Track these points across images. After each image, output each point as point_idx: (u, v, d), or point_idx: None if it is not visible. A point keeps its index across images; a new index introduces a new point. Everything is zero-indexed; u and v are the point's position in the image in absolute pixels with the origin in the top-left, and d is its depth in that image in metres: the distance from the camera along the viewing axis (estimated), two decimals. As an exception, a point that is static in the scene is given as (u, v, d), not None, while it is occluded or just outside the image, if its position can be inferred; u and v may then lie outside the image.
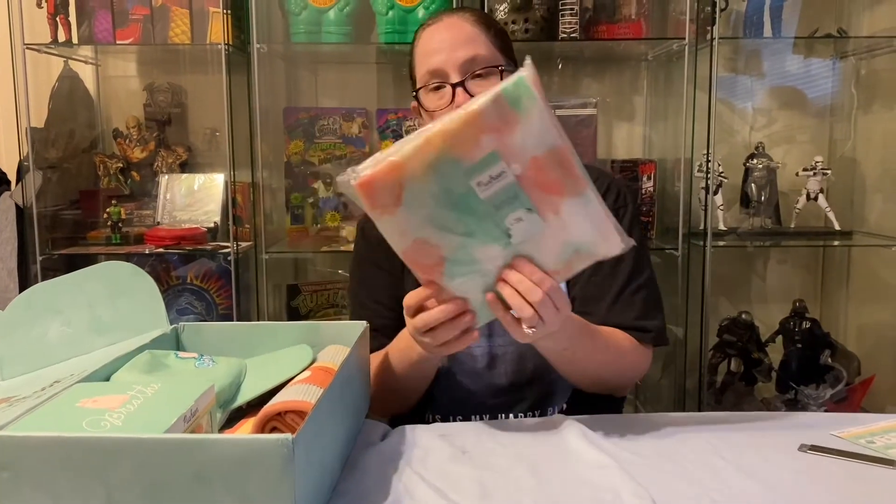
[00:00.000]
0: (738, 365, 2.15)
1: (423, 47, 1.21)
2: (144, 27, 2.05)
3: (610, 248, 0.89)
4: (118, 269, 1.12)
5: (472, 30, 1.19)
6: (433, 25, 1.21)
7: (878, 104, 2.20)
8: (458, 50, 1.16)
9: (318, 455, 0.78)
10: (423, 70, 1.19)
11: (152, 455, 0.67)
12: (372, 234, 1.28)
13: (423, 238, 0.88)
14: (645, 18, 2.06)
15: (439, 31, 1.20)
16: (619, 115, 2.34)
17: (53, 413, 0.76)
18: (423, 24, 1.25)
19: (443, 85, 1.18)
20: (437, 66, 1.17)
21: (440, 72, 1.17)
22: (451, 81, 1.16)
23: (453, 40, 1.18)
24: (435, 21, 1.22)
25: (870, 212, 2.22)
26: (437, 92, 1.19)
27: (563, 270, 0.91)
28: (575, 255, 0.90)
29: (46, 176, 2.12)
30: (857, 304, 2.29)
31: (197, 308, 2.18)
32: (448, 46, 1.17)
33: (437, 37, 1.19)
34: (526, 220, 0.87)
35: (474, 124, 0.82)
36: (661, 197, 2.19)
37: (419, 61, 1.21)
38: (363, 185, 0.84)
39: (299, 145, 2.21)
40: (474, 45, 1.17)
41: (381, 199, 0.85)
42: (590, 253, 0.90)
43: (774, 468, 0.91)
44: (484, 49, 1.18)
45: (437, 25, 1.21)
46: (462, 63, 1.16)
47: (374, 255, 1.29)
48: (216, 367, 1.00)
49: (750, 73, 2.32)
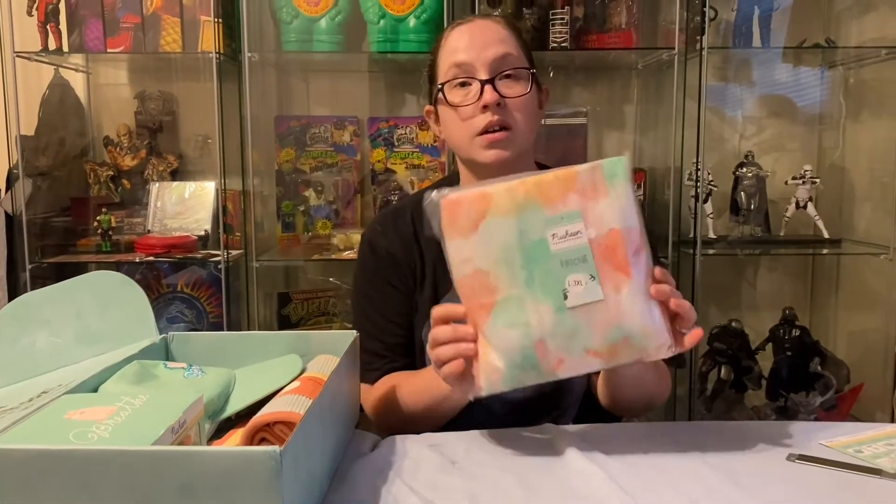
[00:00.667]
0: (729, 373, 2.16)
1: (451, 44, 1.19)
2: (135, 35, 2.05)
3: (659, 350, 0.88)
4: (107, 279, 1.12)
5: (504, 31, 1.18)
6: (463, 25, 1.20)
7: (867, 113, 2.22)
8: (489, 48, 1.16)
9: (306, 467, 0.78)
10: (449, 63, 1.17)
11: (140, 468, 0.67)
12: (382, 249, 1.26)
13: (486, 270, 0.89)
14: (635, 28, 2.07)
15: (470, 29, 1.19)
16: (610, 124, 2.35)
17: (40, 425, 0.76)
18: (450, 25, 1.23)
19: (468, 82, 1.16)
20: (466, 60, 1.16)
21: (468, 66, 1.16)
22: (479, 77, 1.15)
23: (484, 38, 1.17)
24: (465, 21, 1.20)
25: (858, 220, 2.23)
26: (463, 88, 1.17)
27: (606, 355, 0.88)
28: (623, 343, 0.88)
29: (36, 184, 2.12)
30: (847, 312, 2.30)
31: (187, 316, 2.18)
32: (479, 44, 1.16)
33: (467, 34, 1.18)
34: (586, 286, 0.87)
35: (567, 181, 0.89)
36: (651, 205, 2.20)
37: (444, 57, 1.19)
38: (449, 203, 0.90)
39: (290, 153, 2.21)
40: (505, 45, 1.17)
41: (460, 222, 0.90)
42: (639, 347, 0.88)
43: (762, 477, 0.91)
44: (513, 49, 1.18)
45: (468, 25, 1.19)
46: (492, 60, 1.15)
47: (385, 271, 1.25)
48: (205, 377, 1.00)
49: (739, 82, 2.34)
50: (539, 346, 0.88)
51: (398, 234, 1.26)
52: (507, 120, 1.16)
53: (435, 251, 1.24)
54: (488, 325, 0.90)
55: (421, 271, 1.25)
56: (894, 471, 0.91)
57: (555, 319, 0.88)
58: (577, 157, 2.07)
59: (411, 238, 1.26)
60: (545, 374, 0.89)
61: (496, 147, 1.17)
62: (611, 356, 0.88)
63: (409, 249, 1.25)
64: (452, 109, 1.18)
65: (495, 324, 0.89)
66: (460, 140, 1.20)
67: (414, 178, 2.21)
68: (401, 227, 1.27)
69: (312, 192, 2.21)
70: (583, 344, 0.88)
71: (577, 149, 2.08)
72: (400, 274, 1.25)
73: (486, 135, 1.16)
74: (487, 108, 1.15)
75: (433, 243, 1.25)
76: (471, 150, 1.19)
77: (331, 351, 1.06)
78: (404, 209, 1.30)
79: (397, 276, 1.25)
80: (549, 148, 2.05)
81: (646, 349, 0.88)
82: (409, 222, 1.27)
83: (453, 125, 1.20)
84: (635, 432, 1.06)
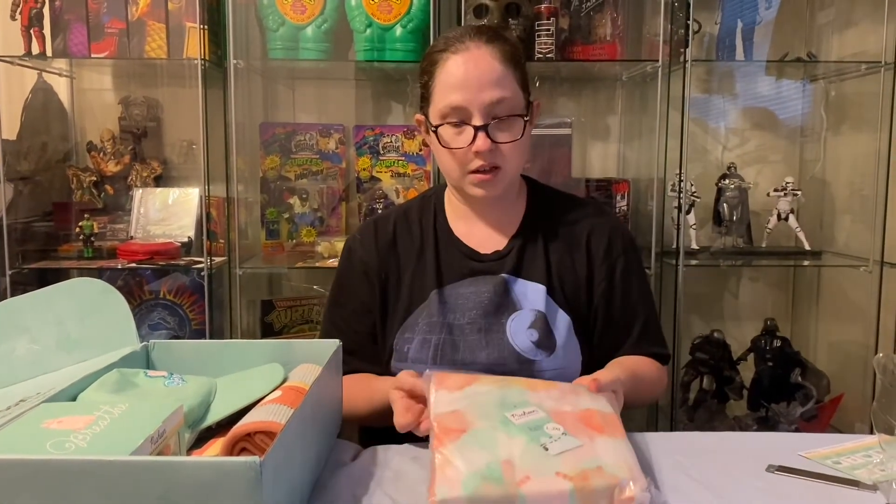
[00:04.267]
0: (711, 383, 2.17)
1: (448, 78, 1.18)
2: (120, 41, 2.04)
3: (633, 483, 0.83)
4: (88, 286, 1.11)
5: (500, 68, 1.17)
6: (460, 55, 1.17)
7: (847, 126, 2.24)
8: (485, 91, 1.16)
9: (287, 477, 0.77)
10: (445, 103, 1.17)
11: (118, 478, 0.66)
12: (357, 258, 1.31)
13: (463, 411, 0.92)
14: (620, 40, 2.08)
15: (466, 64, 1.16)
16: (594, 135, 2.36)
17: (17, 434, 0.75)
18: (445, 46, 1.20)
19: (463, 122, 1.17)
20: (462, 104, 1.16)
21: (463, 111, 1.17)
22: (473, 123, 1.16)
23: (481, 79, 1.16)
24: (461, 49, 1.18)
25: (839, 232, 2.26)
26: (457, 128, 1.18)
27: (577, 479, 0.83)
28: (596, 471, 0.84)
29: (18, 188, 2.10)
30: (827, 323, 2.32)
31: (170, 323, 2.16)
32: (475, 85, 1.16)
33: (464, 70, 1.16)
34: (562, 437, 0.89)
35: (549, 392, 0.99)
36: (634, 216, 2.21)
37: (441, 90, 1.19)
38: (438, 376, 1.01)
39: (275, 160, 2.20)
40: (501, 87, 1.17)
41: (448, 382, 0.99)
42: (610, 475, 0.84)
43: (742, 488, 0.91)
44: (510, 91, 1.18)
45: (465, 56, 1.17)
46: (487, 105, 1.16)
47: (355, 281, 1.30)
48: (186, 385, 0.99)
49: (723, 94, 2.36)
50: (506, 463, 0.84)
51: (377, 243, 1.30)
52: (498, 161, 1.20)
53: (413, 260, 1.27)
54: (457, 444, 0.86)
55: (396, 279, 1.29)
56: (871, 482, 0.92)
57: (527, 448, 0.86)
58: (562, 167, 2.08)
59: (390, 246, 1.30)
60: (506, 487, 0.81)
61: (484, 187, 1.21)
62: (581, 480, 0.83)
63: (384, 259, 1.29)
64: (447, 150, 1.20)
65: (464, 442, 0.87)
66: (451, 173, 1.24)
67: (399, 186, 2.21)
68: (381, 236, 1.31)
69: (297, 199, 2.20)
70: (553, 468, 0.84)
71: (561, 159, 2.09)
72: (369, 285, 1.30)
73: (476, 174, 1.20)
74: (479, 154, 1.18)
75: (412, 252, 1.28)
76: (461, 183, 1.23)
77: (313, 360, 1.06)
78: (388, 218, 1.34)
79: (366, 287, 1.29)
80: (533, 157, 2.06)
81: (616, 476, 0.84)
82: (390, 231, 1.31)
83: (445, 159, 1.23)
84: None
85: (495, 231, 1.29)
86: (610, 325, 1.28)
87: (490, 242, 1.28)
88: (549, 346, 1.21)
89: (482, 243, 1.28)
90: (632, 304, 1.29)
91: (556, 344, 1.21)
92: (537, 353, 1.20)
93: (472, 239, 1.29)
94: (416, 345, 1.22)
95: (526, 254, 1.27)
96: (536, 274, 1.25)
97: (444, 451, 0.85)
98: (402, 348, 1.23)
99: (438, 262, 1.27)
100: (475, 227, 1.30)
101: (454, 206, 1.32)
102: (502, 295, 1.23)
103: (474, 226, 1.30)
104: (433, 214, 1.32)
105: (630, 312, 1.29)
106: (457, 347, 1.21)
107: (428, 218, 1.32)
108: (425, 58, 1.24)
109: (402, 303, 1.27)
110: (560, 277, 1.26)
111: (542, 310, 1.22)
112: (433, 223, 1.31)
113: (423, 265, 1.28)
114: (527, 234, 1.28)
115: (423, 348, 1.21)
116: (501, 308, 1.23)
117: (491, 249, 1.28)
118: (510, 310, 1.23)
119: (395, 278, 1.29)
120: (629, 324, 1.29)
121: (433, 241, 1.29)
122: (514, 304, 1.23)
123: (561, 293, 1.25)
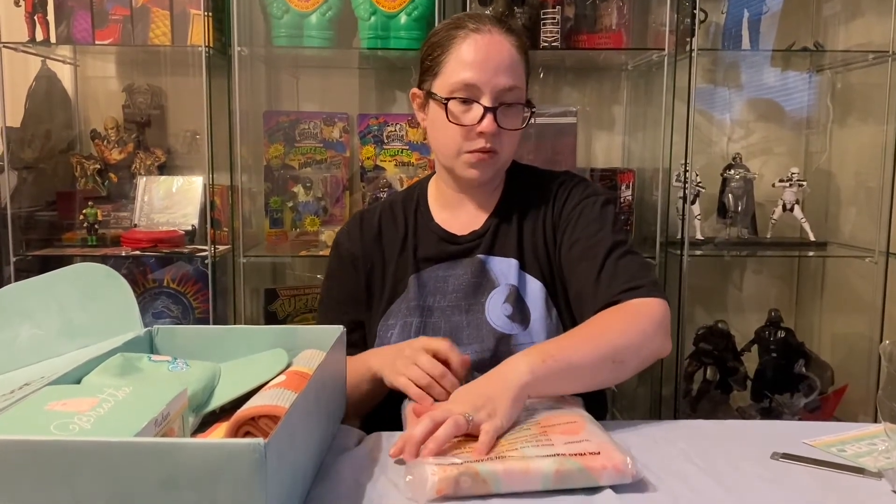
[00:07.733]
0: (714, 373, 2.17)
1: (465, 54, 1.19)
2: (124, 28, 2.04)
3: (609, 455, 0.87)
4: (91, 271, 1.10)
5: (515, 56, 1.21)
6: (479, 35, 1.19)
7: (853, 117, 2.23)
8: (501, 75, 1.18)
9: (290, 460, 0.77)
10: (458, 78, 1.19)
11: (121, 459, 0.66)
12: (344, 250, 1.35)
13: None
14: (625, 29, 2.07)
15: (489, 46, 1.19)
16: (599, 125, 2.35)
17: (21, 416, 0.75)
18: (462, 23, 1.21)
19: (471, 100, 1.19)
20: (475, 82, 1.18)
21: (475, 89, 1.18)
22: (483, 102, 1.18)
23: (499, 62, 1.19)
24: (483, 31, 1.20)
25: (844, 223, 2.25)
26: (466, 105, 1.19)
27: (551, 457, 0.86)
28: (573, 454, 0.87)
29: (22, 176, 2.10)
30: (831, 315, 2.32)
31: (173, 311, 2.16)
32: (493, 67, 1.18)
33: (486, 50, 1.19)
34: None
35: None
36: (639, 206, 2.20)
37: (455, 65, 1.20)
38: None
39: (279, 149, 2.20)
40: (513, 75, 1.20)
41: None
42: (589, 453, 0.87)
43: (746, 476, 0.91)
44: (520, 80, 1.21)
45: (488, 39, 1.19)
46: (500, 89, 1.18)
47: (342, 272, 1.33)
48: (190, 370, 0.99)
49: (728, 84, 2.35)
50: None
51: (362, 235, 1.33)
52: (496, 146, 1.21)
53: (397, 251, 1.30)
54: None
55: (381, 270, 1.31)
56: (876, 470, 0.92)
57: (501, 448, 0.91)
58: (567, 156, 2.08)
59: (375, 239, 1.32)
60: (478, 465, 0.85)
61: (479, 167, 1.23)
62: (558, 459, 0.86)
63: (369, 250, 1.32)
64: (453, 124, 1.20)
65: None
66: (447, 149, 1.24)
67: (403, 175, 2.21)
68: (366, 228, 1.34)
69: (301, 188, 2.20)
70: (531, 454, 0.88)
71: (566, 148, 2.08)
72: (356, 277, 1.32)
73: (473, 153, 1.21)
74: (483, 134, 1.19)
75: (395, 243, 1.31)
76: (454, 161, 1.24)
77: (317, 346, 1.05)
78: (374, 210, 1.37)
79: (353, 279, 1.32)
80: (538, 147, 2.05)
81: (594, 452, 0.88)
82: (375, 224, 1.34)
83: (444, 134, 1.23)
84: (619, 431, 1.06)
85: (475, 215, 1.31)
86: (575, 271, 1.20)
87: (468, 226, 1.30)
88: (524, 320, 1.21)
89: (462, 228, 1.30)
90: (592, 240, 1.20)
91: (531, 317, 1.21)
92: (512, 326, 1.21)
93: (453, 224, 1.30)
94: (397, 330, 1.24)
95: (500, 231, 1.28)
96: (508, 249, 1.26)
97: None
98: (386, 335, 1.25)
99: (416, 248, 1.30)
100: (457, 213, 1.31)
101: (438, 194, 1.33)
102: (480, 275, 1.25)
103: (456, 211, 1.31)
104: (415, 204, 1.34)
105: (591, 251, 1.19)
106: (438, 329, 1.23)
107: (410, 208, 1.34)
108: (438, 31, 1.25)
109: (386, 292, 1.29)
110: (533, 246, 1.26)
111: (514, 283, 1.23)
112: (414, 212, 1.33)
113: (405, 254, 1.30)
114: (502, 214, 1.29)
115: (404, 332, 1.23)
116: (481, 288, 1.24)
117: (468, 231, 1.29)
118: (489, 288, 1.24)
119: (379, 269, 1.31)
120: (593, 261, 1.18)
121: (413, 230, 1.31)
122: (493, 282, 1.25)
123: (535, 263, 1.25)
